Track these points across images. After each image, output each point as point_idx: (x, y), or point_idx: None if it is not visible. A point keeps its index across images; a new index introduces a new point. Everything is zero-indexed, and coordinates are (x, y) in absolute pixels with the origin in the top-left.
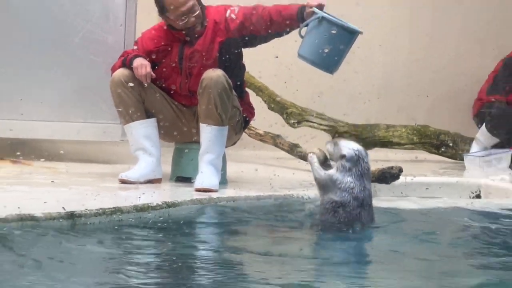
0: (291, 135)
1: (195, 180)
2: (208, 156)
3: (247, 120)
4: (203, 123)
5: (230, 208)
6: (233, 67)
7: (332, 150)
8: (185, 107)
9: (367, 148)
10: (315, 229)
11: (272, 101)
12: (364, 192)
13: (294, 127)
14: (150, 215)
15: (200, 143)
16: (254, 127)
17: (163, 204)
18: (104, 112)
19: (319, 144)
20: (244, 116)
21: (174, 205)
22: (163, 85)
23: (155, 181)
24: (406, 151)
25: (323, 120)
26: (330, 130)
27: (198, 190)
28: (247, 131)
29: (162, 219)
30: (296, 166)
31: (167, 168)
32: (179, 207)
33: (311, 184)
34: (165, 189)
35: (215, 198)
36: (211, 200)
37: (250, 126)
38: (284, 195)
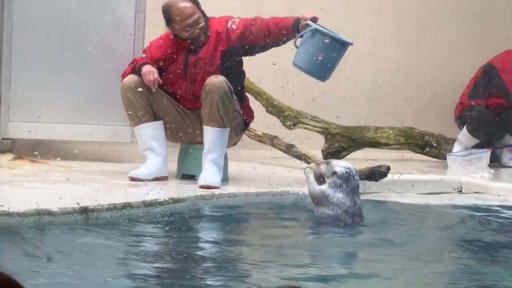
0: (288, 136)
1: (199, 177)
2: (211, 155)
3: (247, 122)
4: (206, 125)
5: (231, 204)
6: (234, 73)
7: (325, 169)
8: (189, 110)
9: (358, 148)
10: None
11: (270, 105)
12: (354, 206)
13: (290, 129)
14: (158, 209)
15: (204, 143)
16: (253, 129)
17: (169, 199)
18: (115, 115)
19: (313, 144)
20: (244, 118)
21: (179, 200)
22: (170, 90)
23: (162, 178)
24: (393, 151)
25: (317, 123)
26: (323, 132)
27: (202, 187)
28: (247, 132)
29: (169, 213)
30: (292, 165)
31: (173, 166)
32: (184, 202)
33: (305, 181)
34: (171, 185)
35: (217, 194)
36: (213, 196)
37: (249, 128)
38: (281, 191)
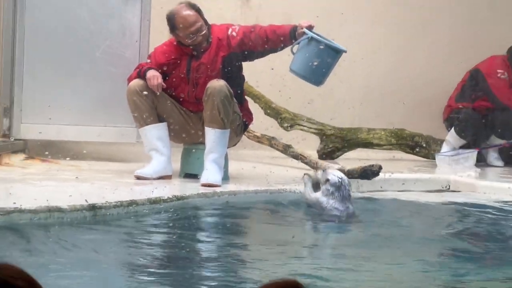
0: (285, 137)
1: (201, 176)
2: (212, 155)
3: (246, 124)
4: (208, 127)
5: (231, 201)
6: (234, 77)
7: (321, 176)
8: (192, 113)
9: (351, 148)
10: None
11: (268, 107)
12: (347, 210)
13: (287, 130)
14: (162, 206)
15: (205, 144)
16: (252, 130)
17: (173, 197)
18: (121, 117)
19: (309, 144)
20: (243, 120)
21: (182, 198)
22: (173, 93)
23: (166, 177)
24: (385, 151)
25: (313, 124)
26: (318, 133)
27: (204, 185)
28: (246, 133)
29: (172, 210)
30: (289, 164)
31: (176, 165)
32: (187, 200)
33: (301, 180)
34: (175, 184)
35: (218, 192)
36: (215, 193)
37: (249, 129)
38: (278, 189)
